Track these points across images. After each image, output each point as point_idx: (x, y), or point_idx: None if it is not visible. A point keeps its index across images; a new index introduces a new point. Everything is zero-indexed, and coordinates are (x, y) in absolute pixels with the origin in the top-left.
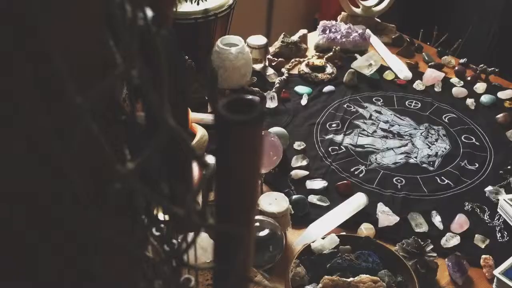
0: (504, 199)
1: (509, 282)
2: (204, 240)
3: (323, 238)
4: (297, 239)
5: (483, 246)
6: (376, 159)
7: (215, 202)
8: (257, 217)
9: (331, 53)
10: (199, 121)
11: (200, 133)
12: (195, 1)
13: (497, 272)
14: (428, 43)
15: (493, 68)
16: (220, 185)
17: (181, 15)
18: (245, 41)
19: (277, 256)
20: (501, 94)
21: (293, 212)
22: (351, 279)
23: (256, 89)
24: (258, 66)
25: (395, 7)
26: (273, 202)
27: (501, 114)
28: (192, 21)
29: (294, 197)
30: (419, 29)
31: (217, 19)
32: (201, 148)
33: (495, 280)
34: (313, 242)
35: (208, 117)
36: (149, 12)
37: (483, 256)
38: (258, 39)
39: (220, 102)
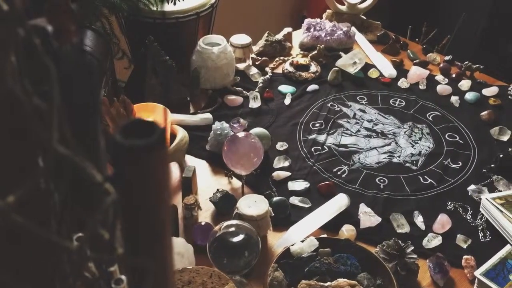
0: (487, 198)
1: (490, 283)
2: (181, 246)
3: (302, 241)
4: (278, 241)
5: (465, 246)
6: (359, 159)
7: (123, 232)
8: (232, 221)
9: (316, 52)
10: (179, 122)
11: (180, 135)
12: (171, 1)
13: (478, 273)
14: (417, 40)
15: (477, 65)
16: (124, 214)
17: (162, 14)
18: (228, 40)
19: (252, 261)
20: (486, 91)
21: (273, 214)
22: (328, 283)
23: (239, 89)
24: (241, 66)
25: (384, 4)
26: (252, 204)
27: (485, 112)
28: (173, 20)
29: (275, 199)
30: (408, 26)
31: (199, 19)
32: (181, 150)
33: (476, 281)
34: (292, 245)
35: (189, 119)
36: (48, 28)
37: (465, 256)
38: (241, 38)
39: (118, 125)
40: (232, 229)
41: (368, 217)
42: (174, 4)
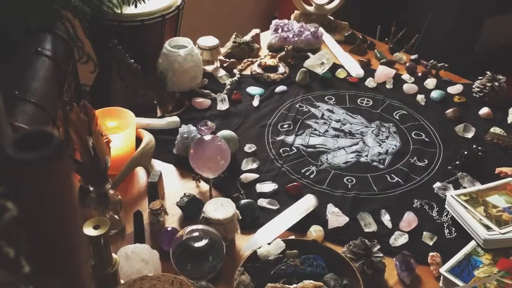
0: (451, 195)
1: (455, 280)
2: (145, 252)
3: (269, 244)
4: (246, 245)
5: (431, 243)
6: (327, 159)
7: (28, 249)
8: (196, 226)
9: (284, 53)
10: (145, 127)
11: (147, 139)
12: (132, 3)
13: (443, 270)
14: (386, 39)
15: (442, 64)
16: (25, 231)
17: (126, 17)
18: (195, 43)
19: (217, 266)
20: (451, 89)
21: (240, 217)
22: (294, 285)
23: (207, 91)
24: (209, 68)
25: (354, 5)
26: (219, 208)
27: (450, 110)
28: (138, 23)
29: (242, 201)
30: (377, 26)
31: (165, 21)
32: (147, 154)
33: (441, 277)
34: (259, 248)
35: (155, 122)
36: None
37: (430, 253)
38: (209, 40)
39: (13, 136)
40: (196, 234)
41: (336, 217)
42: (135, 6)
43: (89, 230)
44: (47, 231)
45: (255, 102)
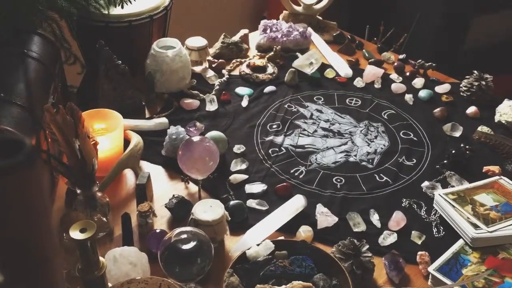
0: (440, 194)
1: (443, 278)
2: (133, 255)
3: (258, 245)
4: (235, 246)
5: (419, 242)
6: (316, 159)
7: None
8: (184, 228)
9: (272, 53)
10: (133, 128)
11: (135, 140)
12: (119, 4)
13: (431, 268)
14: (375, 39)
15: (430, 63)
16: None
17: (114, 18)
18: (183, 43)
19: (206, 268)
20: (439, 89)
21: (229, 218)
22: (283, 286)
23: (196, 92)
24: (198, 68)
25: (344, 5)
26: (208, 209)
27: (438, 109)
28: (125, 24)
29: (231, 203)
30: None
31: (152, 21)
32: (135, 156)
33: (430, 276)
34: (248, 249)
35: (144, 124)
36: None
37: (419, 252)
38: (197, 41)
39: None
40: (184, 236)
41: (325, 217)
42: (122, 7)
43: (75, 234)
44: (19, 240)
45: (244, 103)
